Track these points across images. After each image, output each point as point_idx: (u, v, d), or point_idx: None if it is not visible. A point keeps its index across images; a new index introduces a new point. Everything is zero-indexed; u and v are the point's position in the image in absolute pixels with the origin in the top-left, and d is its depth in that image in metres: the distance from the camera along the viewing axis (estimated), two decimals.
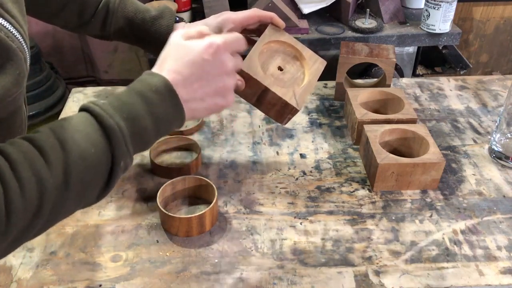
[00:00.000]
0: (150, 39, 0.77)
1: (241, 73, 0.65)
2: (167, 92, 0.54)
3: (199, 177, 0.77)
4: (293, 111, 0.70)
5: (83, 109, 0.52)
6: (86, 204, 0.51)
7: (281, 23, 0.77)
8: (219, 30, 0.75)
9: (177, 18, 0.78)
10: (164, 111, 0.54)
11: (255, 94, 0.69)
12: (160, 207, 0.71)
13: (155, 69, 0.58)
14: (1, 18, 0.52)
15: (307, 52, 0.75)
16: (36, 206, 0.44)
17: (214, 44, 0.57)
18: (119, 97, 0.53)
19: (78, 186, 0.48)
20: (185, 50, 0.58)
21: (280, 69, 0.72)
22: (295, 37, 1.54)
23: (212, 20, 0.77)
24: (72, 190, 0.47)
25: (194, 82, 0.56)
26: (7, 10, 0.53)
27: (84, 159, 0.48)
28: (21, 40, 0.55)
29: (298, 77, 0.74)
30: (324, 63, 0.76)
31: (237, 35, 0.61)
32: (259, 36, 0.75)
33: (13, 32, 0.53)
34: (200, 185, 0.76)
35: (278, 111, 0.71)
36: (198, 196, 0.78)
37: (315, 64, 0.75)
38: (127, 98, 0.53)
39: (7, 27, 0.52)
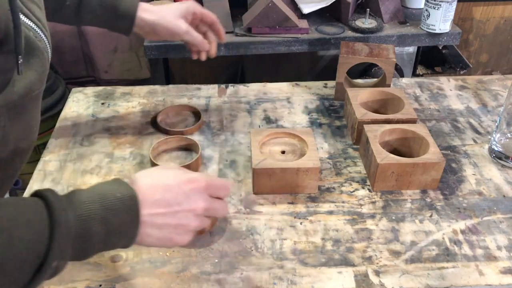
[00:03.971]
0: (120, 16, 0.81)
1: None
2: (130, 201, 0.51)
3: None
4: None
5: (37, 194, 0.49)
6: None
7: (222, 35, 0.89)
8: (189, 13, 0.84)
9: None
10: (120, 221, 0.50)
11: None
12: None
13: (130, 179, 0.56)
14: (29, 20, 0.57)
15: None
16: None
17: (196, 180, 0.57)
18: (79, 193, 0.51)
19: None
20: (168, 174, 0.57)
21: None
22: (294, 37, 1.54)
23: (181, 3, 0.84)
24: None
25: (161, 207, 0.54)
26: (33, 13, 0.58)
27: (13, 245, 0.44)
28: (46, 41, 0.60)
29: None
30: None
31: (224, 183, 0.60)
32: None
33: (39, 34, 0.58)
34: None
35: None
36: None
37: None
38: (88, 196, 0.50)
39: (34, 28, 0.57)
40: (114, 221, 0.50)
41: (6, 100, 0.54)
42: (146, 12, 0.82)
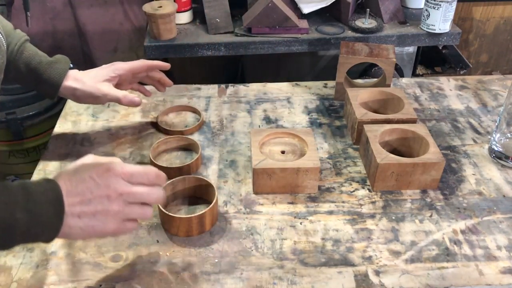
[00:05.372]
0: (44, 81, 0.83)
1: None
2: (53, 194, 0.55)
3: (199, 177, 0.77)
4: None
5: None
6: None
7: (166, 65, 0.91)
8: (112, 77, 0.86)
9: (71, 66, 0.86)
10: (43, 212, 0.53)
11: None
12: (160, 207, 0.71)
13: (55, 174, 0.59)
14: None
15: None
16: None
17: (107, 166, 0.58)
18: (6, 184, 0.53)
19: None
20: (83, 167, 0.59)
21: None
22: (294, 37, 1.54)
23: (105, 68, 0.87)
24: None
25: (76, 196, 0.56)
26: None
27: None
28: (1, 35, 0.64)
29: None
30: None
31: (142, 169, 0.60)
32: (149, 82, 0.94)
33: None
34: (200, 185, 0.76)
35: None
36: (198, 196, 0.78)
37: None
38: (14, 188, 0.53)
39: None
40: (37, 210, 0.53)
41: None
42: (70, 80, 0.84)
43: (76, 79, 0.85)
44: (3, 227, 0.51)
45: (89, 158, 0.61)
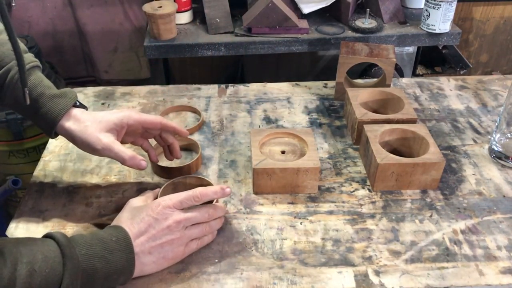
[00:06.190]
0: (41, 115, 0.72)
1: None
2: (125, 243, 0.61)
3: (200, 176, 0.77)
4: None
5: (49, 236, 0.58)
6: None
7: (184, 132, 0.81)
8: (119, 126, 0.73)
9: (78, 103, 0.74)
10: (118, 259, 0.60)
11: None
12: None
13: (116, 220, 0.67)
14: None
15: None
16: None
17: (158, 202, 0.65)
18: (82, 236, 0.60)
19: None
20: (137, 210, 0.66)
21: None
22: (294, 37, 1.54)
23: (115, 113, 0.74)
24: None
25: (142, 236, 0.63)
26: None
27: (34, 277, 0.53)
28: None
29: None
30: None
31: (188, 194, 0.66)
32: (158, 142, 0.82)
33: None
34: (201, 185, 0.76)
35: None
36: None
37: None
38: (88, 239, 0.60)
39: None
40: (113, 259, 0.59)
41: None
42: (70, 121, 0.72)
43: (77, 120, 0.72)
44: (87, 277, 0.57)
45: (134, 202, 0.69)
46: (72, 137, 0.72)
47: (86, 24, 1.93)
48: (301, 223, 0.74)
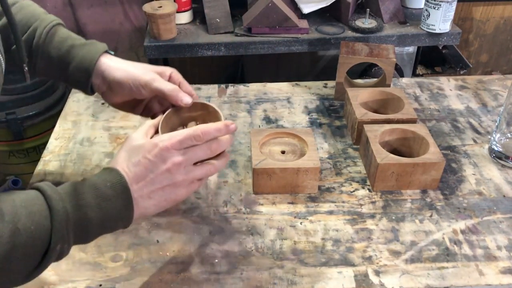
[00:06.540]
0: (75, 67, 0.69)
1: None
2: (121, 188, 0.56)
3: (205, 103, 0.70)
4: None
5: (35, 188, 0.53)
6: (12, 282, 0.51)
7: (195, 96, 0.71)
8: (161, 72, 0.70)
9: (109, 51, 0.72)
10: (114, 206, 0.55)
11: None
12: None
13: (112, 161, 0.60)
14: None
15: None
16: None
17: (158, 144, 0.58)
18: (72, 184, 0.55)
19: (5, 261, 0.48)
20: (134, 151, 0.59)
21: None
22: (294, 37, 1.54)
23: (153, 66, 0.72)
24: None
25: (140, 181, 0.58)
26: None
27: (19, 236, 0.49)
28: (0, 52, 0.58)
29: None
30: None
31: (187, 132, 0.59)
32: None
33: None
34: (207, 112, 0.69)
35: None
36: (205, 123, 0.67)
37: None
38: (80, 188, 0.54)
39: None
40: (109, 208, 0.55)
41: None
42: (108, 62, 0.70)
43: (116, 61, 0.70)
44: (79, 228, 0.53)
45: (134, 138, 0.61)
46: (110, 78, 0.69)
47: (86, 24, 1.93)
48: (301, 223, 0.74)
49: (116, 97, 0.71)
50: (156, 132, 0.64)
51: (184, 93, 0.68)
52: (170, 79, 0.71)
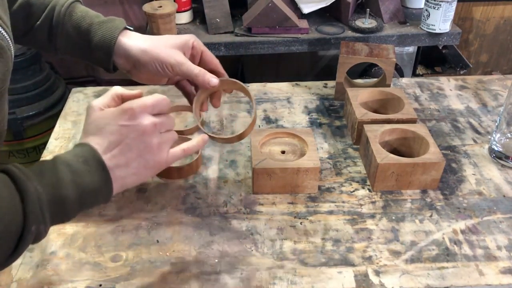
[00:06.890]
0: (96, 44, 0.71)
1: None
2: (95, 162, 0.54)
3: (234, 80, 0.74)
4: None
5: (2, 170, 0.51)
6: None
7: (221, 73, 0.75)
8: (186, 47, 0.71)
9: (128, 27, 0.73)
10: (91, 181, 0.53)
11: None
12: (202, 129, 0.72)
13: (82, 135, 0.58)
14: None
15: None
16: None
17: (128, 109, 0.57)
18: (42, 164, 0.53)
19: None
20: (103, 120, 0.57)
21: None
22: (294, 37, 1.54)
23: (177, 36, 0.73)
24: None
25: (114, 149, 0.55)
26: None
27: None
28: (8, 38, 0.57)
29: None
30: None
31: (157, 97, 0.59)
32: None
33: (1, 32, 0.55)
34: (236, 87, 0.76)
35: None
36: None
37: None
38: (51, 166, 0.52)
39: None
40: (85, 183, 0.52)
41: None
42: (130, 40, 0.71)
43: (138, 38, 0.70)
44: (55, 206, 0.51)
45: (96, 110, 0.58)
46: (134, 59, 0.69)
47: None
48: (301, 223, 0.74)
49: (142, 75, 0.73)
50: (121, 103, 0.61)
51: (210, 74, 0.69)
52: (193, 49, 0.72)
